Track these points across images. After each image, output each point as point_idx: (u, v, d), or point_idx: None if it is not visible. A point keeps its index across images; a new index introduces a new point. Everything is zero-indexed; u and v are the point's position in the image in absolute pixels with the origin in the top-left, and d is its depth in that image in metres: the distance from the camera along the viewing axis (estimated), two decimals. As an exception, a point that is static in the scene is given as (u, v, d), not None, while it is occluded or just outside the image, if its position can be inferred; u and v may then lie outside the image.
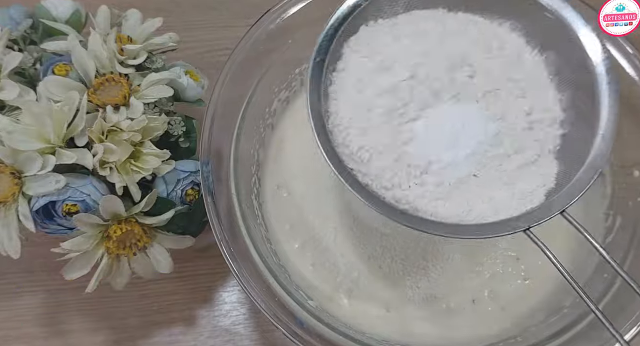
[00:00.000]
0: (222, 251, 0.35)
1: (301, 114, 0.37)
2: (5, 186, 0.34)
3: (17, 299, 0.45)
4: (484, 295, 0.40)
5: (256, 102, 0.41)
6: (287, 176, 0.43)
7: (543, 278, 0.40)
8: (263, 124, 0.43)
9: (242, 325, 0.45)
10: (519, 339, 0.38)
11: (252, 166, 0.42)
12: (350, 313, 0.39)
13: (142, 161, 0.36)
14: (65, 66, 0.38)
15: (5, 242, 0.35)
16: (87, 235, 0.35)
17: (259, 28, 0.40)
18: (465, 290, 0.40)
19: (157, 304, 0.45)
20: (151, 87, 0.37)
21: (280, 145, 0.44)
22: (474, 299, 0.40)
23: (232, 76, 0.39)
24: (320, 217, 0.42)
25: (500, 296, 0.40)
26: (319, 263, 0.41)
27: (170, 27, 0.42)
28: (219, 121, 0.38)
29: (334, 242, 0.41)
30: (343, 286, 0.40)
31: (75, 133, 0.35)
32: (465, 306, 0.40)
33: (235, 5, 0.55)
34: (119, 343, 0.44)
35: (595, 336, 0.34)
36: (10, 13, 0.41)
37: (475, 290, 0.40)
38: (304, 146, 0.43)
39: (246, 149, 0.40)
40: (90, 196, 0.35)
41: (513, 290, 0.40)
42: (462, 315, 0.39)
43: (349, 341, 0.36)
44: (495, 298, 0.40)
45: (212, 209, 0.35)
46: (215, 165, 0.37)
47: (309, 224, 0.42)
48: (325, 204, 0.42)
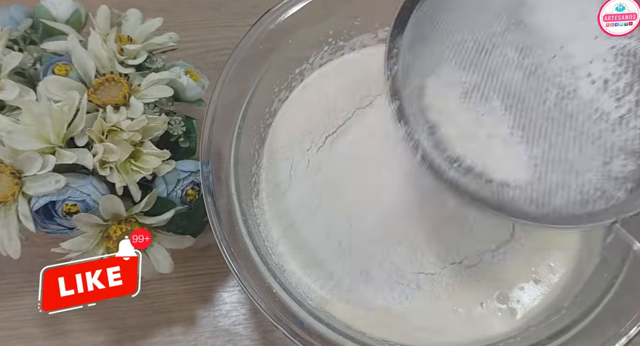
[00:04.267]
0: (222, 251, 0.35)
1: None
2: (5, 186, 0.34)
3: (17, 299, 0.45)
4: (493, 298, 0.40)
5: (256, 102, 0.41)
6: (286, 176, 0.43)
7: (554, 280, 0.40)
8: (263, 124, 0.43)
9: (242, 325, 0.45)
10: (518, 339, 0.38)
11: (252, 166, 0.42)
12: (349, 314, 0.39)
13: (142, 161, 0.36)
14: (65, 66, 0.38)
15: (5, 242, 0.35)
16: (87, 235, 0.35)
17: (259, 28, 0.39)
18: (472, 292, 0.40)
19: (157, 304, 0.45)
20: (151, 87, 0.37)
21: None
22: (482, 302, 0.40)
23: (232, 76, 0.38)
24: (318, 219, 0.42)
25: (510, 298, 0.40)
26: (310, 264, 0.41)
27: (170, 27, 0.42)
28: (219, 121, 0.38)
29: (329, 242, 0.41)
30: (340, 288, 0.40)
31: (75, 133, 0.35)
32: (472, 309, 0.39)
33: (235, 5, 0.55)
34: (119, 343, 0.44)
35: (595, 336, 0.34)
36: (10, 13, 0.41)
37: (484, 293, 0.40)
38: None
39: (246, 149, 0.40)
40: (90, 196, 0.35)
41: (524, 292, 0.40)
42: (468, 317, 0.39)
43: (349, 341, 0.36)
44: (504, 301, 0.39)
45: (212, 209, 0.35)
46: (215, 165, 0.37)
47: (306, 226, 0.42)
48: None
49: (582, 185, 0.31)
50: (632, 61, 0.32)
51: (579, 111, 0.32)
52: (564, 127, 0.32)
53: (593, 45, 0.33)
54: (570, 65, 0.33)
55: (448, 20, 0.34)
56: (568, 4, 0.34)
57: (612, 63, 0.33)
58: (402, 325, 0.39)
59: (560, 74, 0.33)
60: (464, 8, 0.34)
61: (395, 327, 0.39)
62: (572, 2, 0.34)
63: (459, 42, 0.34)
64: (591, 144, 0.32)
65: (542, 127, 0.32)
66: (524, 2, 0.34)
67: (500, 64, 0.33)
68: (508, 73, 0.33)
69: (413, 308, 0.39)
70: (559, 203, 0.31)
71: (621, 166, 0.32)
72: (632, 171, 0.32)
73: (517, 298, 0.39)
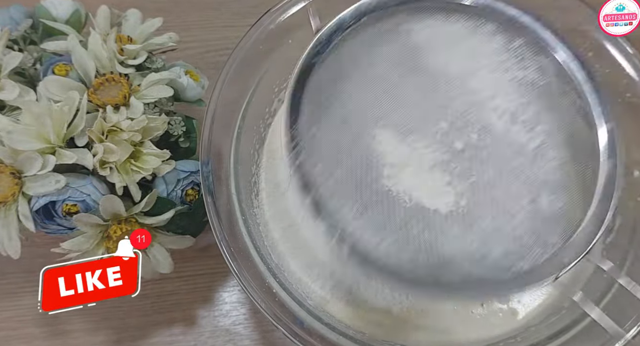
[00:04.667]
0: (222, 251, 0.35)
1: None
2: (5, 186, 0.34)
3: (17, 299, 0.45)
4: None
5: (256, 102, 0.41)
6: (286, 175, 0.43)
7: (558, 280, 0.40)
8: (263, 124, 0.43)
9: (242, 325, 0.45)
10: (518, 339, 0.38)
11: (252, 165, 0.42)
12: (349, 314, 0.39)
13: (142, 161, 0.36)
14: (65, 66, 0.38)
15: (5, 242, 0.35)
16: (87, 235, 0.35)
17: (259, 28, 0.39)
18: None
19: (157, 304, 0.45)
20: (151, 87, 0.37)
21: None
22: (483, 302, 0.39)
23: (232, 76, 0.38)
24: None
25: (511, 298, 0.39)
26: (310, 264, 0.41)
27: (170, 27, 0.42)
28: (219, 121, 0.38)
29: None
30: (340, 288, 0.40)
31: (75, 133, 0.35)
32: (473, 309, 0.39)
33: (235, 5, 0.55)
34: (119, 343, 0.44)
35: (595, 336, 0.34)
36: (10, 13, 0.41)
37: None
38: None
39: (246, 149, 0.40)
40: (90, 196, 0.35)
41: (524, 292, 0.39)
42: (468, 317, 0.39)
43: (349, 341, 0.36)
44: (504, 301, 0.39)
45: (212, 209, 0.35)
46: (215, 165, 0.37)
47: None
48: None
49: (515, 230, 0.31)
50: (534, 93, 0.33)
51: (495, 146, 0.32)
52: (485, 165, 0.32)
53: (492, 79, 0.33)
54: (476, 100, 0.33)
55: (341, 88, 0.33)
56: (459, 43, 0.34)
57: (514, 95, 0.33)
58: (402, 325, 0.39)
59: (469, 110, 0.33)
60: (353, 70, 0.34)
61: (395, 327, 0.39)
62: (462, 42, 0.34)
63: (360, 105, 0.33)
64: (515, 180, 0.31)
65: (466, 167, 0.32)
66: (415, 50, 0.34)
67: (408, 110, 0.32)
68: (417, 119, 0.32)
69: (413, 308, 0.39)
70: (497, 254, 0.30)
71: (548, 203, 0.31)
72: (560, 209, 0.31)
73: (517, 298, 0.39)
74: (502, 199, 0.31)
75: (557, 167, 0.32)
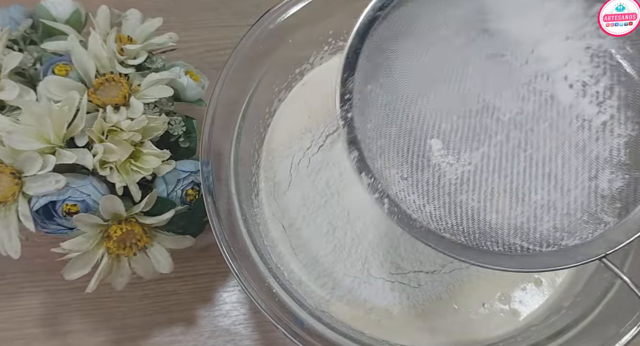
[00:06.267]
0: (222, 251, 0.35)
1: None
2: (5, 186, 0.34)
3: (17, 299, 0.45)
4: (495, 298, 0.39)
5: (256, 102, 0.41)
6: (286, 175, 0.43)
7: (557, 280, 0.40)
8: (263, 124, 0.43)
9: (242, 325, 0.45)
10: (519, 339, 0.38)
11: (252, 166, 0.42)
12: (349, 314, 0.39)
13: (142, 161, 0.36)
14: (65, 66, 0.38)
15: (5, 242, 0.35)
16: (87, 235, 0.35)
17: (259, 28, 0.39)
18: (474, 293, 0.39)
19: (157, 304, 0.45)
20: (151, 87, 0.37)
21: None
22: (485, 302, 0.39)
23: (232, 76, 0.39)
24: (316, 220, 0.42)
25: (512, 299, 0.39)
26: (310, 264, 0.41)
27: (170, 27, 0.42)
28: (219, 121, 0.38)
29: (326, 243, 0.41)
30: (340, 288, 0.40)
31: (75, 133, 0.35)
32: (474, 309, 0.39)
33: (235, 5, 0.55)
34: (119, 343, 0.44)
35: (595, 336, 0.34)
36: (10, 13, 0.41)
37: (486, 293, 0.39)
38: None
39: (246, 149, 0.40)
40: (90, 196, 0.35)
41: (525, 293, 0.39)
42: (469, 318, 0.39)
43: (349, 341, 0.36)
44: (506, 301, 0.39)
45: (212, 209, 0.35)
46: (215, 165, 0.37)
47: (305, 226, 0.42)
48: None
49: (568, 206, 0.29)
50: (609, 62, 0.30)
51: (559, 118, 0.30)
52: (545, 138, 0.30)
53: (566, 46, 0.31)
54: (544, 69, 0.31)
55: (402, 47, 0.32)
56: (533, 7, 0.31)
57: (589, 65, 0.31)
58: (402, 325, 0.39)
59: (535, 79, 0.31)
60: (415, 30, 0.32)
61: (395, 327, 0.39)
62: (538, 5, 0.31)
63: (420, 67, 0.31)
64: (575, 156, 0.30)
65: (523, 139, 0.30)
66: (485, 13, 0.32)
67: (470, 77, 0.31)
68: (478, 86, 0.31)
69: (413, 308, 0.39)
70: (545, 229, 0.29)
71: (608, 182, 0.30)
72: (619, 189, 0.30)
73: (519, 298, 0.39)
74: (559, 174, 0.30)
75: (622, 145, 0.30)
